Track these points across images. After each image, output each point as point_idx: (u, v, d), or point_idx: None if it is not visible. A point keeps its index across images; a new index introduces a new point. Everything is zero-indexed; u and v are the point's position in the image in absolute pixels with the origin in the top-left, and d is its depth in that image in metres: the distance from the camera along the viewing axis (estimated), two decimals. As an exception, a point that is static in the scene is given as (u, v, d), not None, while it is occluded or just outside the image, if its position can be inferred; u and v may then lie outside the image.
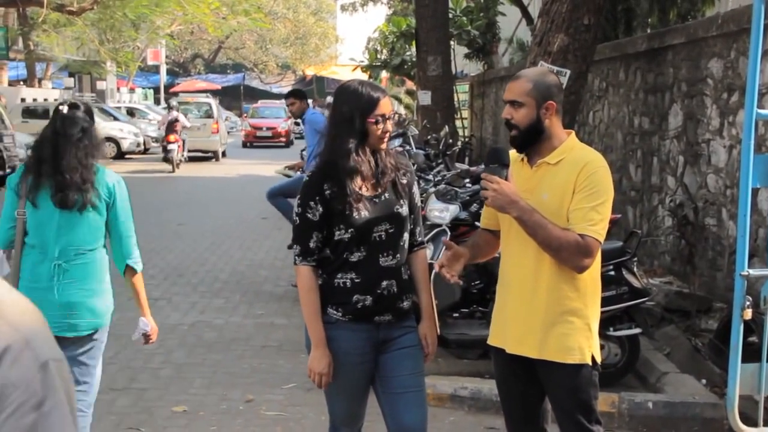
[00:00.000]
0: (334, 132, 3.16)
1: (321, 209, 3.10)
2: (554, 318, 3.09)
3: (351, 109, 3.10)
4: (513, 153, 3.23)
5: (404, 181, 3.23)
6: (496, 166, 3.05)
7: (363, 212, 3.10)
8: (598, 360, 3.18)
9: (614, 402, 5.08)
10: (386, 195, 3.17)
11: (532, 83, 3.10)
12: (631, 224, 8.91)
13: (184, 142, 23.03)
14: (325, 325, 3.15)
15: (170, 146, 22.08)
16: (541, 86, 3.11)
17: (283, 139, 33.57)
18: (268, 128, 33.87)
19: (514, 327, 3.19)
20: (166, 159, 22.32)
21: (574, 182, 3.02)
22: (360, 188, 3.14)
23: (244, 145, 33.42)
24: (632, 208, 9.13)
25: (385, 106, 3.13)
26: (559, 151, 3.11)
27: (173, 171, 21.90)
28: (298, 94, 9.54)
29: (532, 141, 3.13)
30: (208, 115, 27.00)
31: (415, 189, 3.33)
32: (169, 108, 24.71)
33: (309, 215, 3.11)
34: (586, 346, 3.12)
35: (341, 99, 3.16)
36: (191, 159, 24.73)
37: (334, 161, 3.12)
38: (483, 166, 3.21)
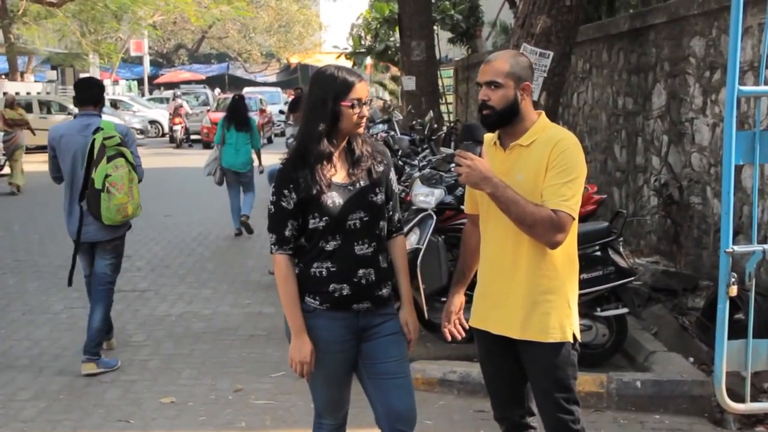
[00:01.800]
0: (307, 117, 3.13)
1: (295, 197, 3.08)
2: (535, 298, 3.11)
3: (324, 93, 3.07)
4: (487, 136, 3.23)
5: (380, 169, 3.21)
6: (470, 143, 3.04)
7: (337, 200, 3.08)
8: (579, 337, 3.20)
9: (602, 382, 5.09)
10: (361, 183, 3.15)
11: (509, 64, 3.10)
12: (617, 205, 8.93)
13: (186, 126, 28.24)
14: (304, 314, 3.14)
15: (175, 127, 27.97)
16: (518, 67, 3.11)
17: None
18: None
19: (496, 308, 3.20)
20: (172, 138, 28.14)
21: (547, 160, 3.04)
22: (333, 175, 3.11)
23: (205, 146, 24.92)
24: (618, 188, 9.15)
25: (362, 90, 3.10)
26: (531, 133, 3.12)
27: (178, 147, 26.83)
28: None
29: (505, 122, 3.13)
30: (205, 103, 32.27)
31: (392, 176, 3.30)
32: (174, 97, 29.91)
33: (283, 203, 3.09)
34: (567, 324, 3.14)
35: (315, 83, 3.13)
36: (194, 141, 27.96)
37: (307, 146, 3.10)
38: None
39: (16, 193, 15.66)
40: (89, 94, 5.79)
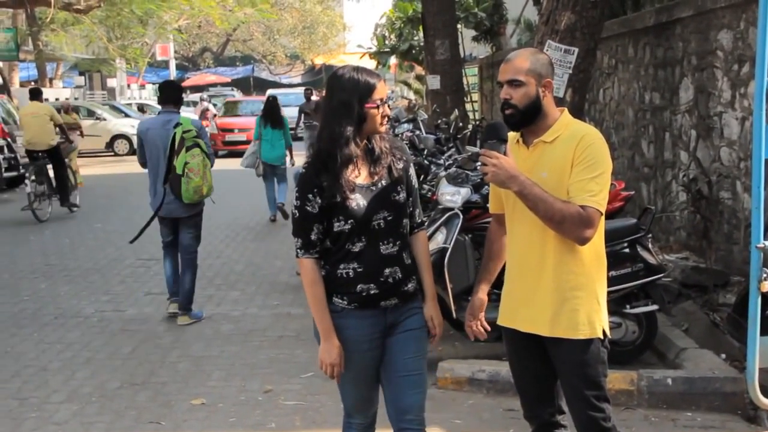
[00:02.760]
0: (331, 120, 3.12)
1: (320, 201, 3.08)
2: (563, 295, 3.10)
3: (349, 95, 3.07)
4: (509, 134, 3.22)
5: (400, 166, 3.21)
6: (494, 141, 3.03)
7: (361, 202, 3.09)
8: (608, 333, 3.18)
9: (633, 379, 5.06)
10: (383, 182, 3.15)
11: (529, 62, 3.10)
12: (645, 201, 8.86)
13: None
14: (332, 314, 3.15)
15: None
16: (539, 64, 3.11)
17: None
18: (241, 130, 24.14)
19: (525, 306, 3.19)
20: None
21: (572, 157, 3.03)
22: (356, 177, 3.12)
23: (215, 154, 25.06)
24: (646, 184, 9.07)
25: (382, 89, 3.12)
26: (554, 129, 3.12)
27: None
28: None
29: (529, 120, 3.12)
30: None
31: (412, 171, 3.30)
32: (201, 100, 30.31)
33: (308, 208, 3.09)
34: (596, 320, 3.13)
35: (337, 86, 3.12)
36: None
37: (331, 150, 3.09)
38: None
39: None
40: (171, 96, 7.01)
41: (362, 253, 3.11)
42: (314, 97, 18.08)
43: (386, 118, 3.15)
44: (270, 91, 36.44)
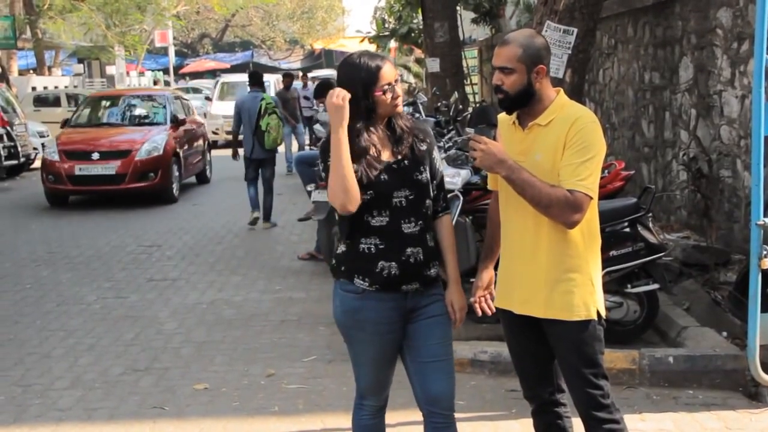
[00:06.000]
0: None
1: None
2: (557, 276, 3.10)
3: (353, 85, 3.05)
4: (504, 116, 3.23)
5: (423, 148, 3.20)
6: (483, 126, 3.06)
7: (382, 176, 3.08)
8: (603, 314, 3.19)
9: (635, 358, 5.07)
10: (406, 162, 3.14)
11: (521, 48, 3.07)
12: (646, 180, 8.85)
13: None
14: (353, 295, 3.14)
15: None
16: (531, 50, 3.08)
17: (147, 182, 12.49)
18: (105, 154, 12.88)
19: (519, 288, 3.20)
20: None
21: (564, 139, 3.03)
22: (379, 155, 3.10)
23: (49, 199, 13.21)
24: (646, 164, 9.06)
25: (389, 73, 3.08)
26: (550, 111, 3.11)
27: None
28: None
29: (521, 104, 3.13)
30: None
31: (436, 154, 3.28)
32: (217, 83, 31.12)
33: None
34: (590, 301, 3.13)
35: (342, 77, 3.12)
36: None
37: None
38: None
39: None
40: (257, 81, 11.02)
41: (384, 228, 3.10)
42: (295, 82, 18.43)
43: (398, 99, 3.11)
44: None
